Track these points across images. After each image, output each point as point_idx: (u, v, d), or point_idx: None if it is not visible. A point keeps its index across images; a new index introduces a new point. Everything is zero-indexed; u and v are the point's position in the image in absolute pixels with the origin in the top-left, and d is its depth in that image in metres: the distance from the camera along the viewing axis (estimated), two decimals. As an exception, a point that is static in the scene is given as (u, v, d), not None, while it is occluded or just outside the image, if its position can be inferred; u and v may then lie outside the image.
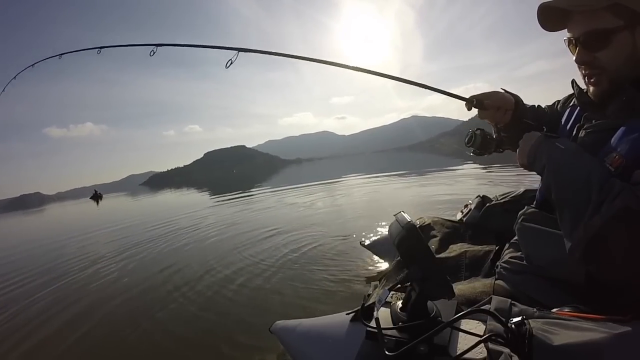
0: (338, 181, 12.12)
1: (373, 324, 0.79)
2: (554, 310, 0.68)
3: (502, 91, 1.04)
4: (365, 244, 2.33)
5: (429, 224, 1.59)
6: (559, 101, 1.05)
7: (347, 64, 1.18)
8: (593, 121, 0.80)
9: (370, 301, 0.95)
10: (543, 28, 0.81)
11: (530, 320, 0.60)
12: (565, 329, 0.57)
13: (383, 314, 0.82)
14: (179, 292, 2.79)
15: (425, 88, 1.15)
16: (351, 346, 0.85)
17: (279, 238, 4.09)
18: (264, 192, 11.31)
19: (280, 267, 3.03)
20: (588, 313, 0.63)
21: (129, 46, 1.63)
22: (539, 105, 1.11)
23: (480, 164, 11.91)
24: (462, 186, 7.30)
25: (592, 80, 0.77)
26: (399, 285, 0.83)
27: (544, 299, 0.80)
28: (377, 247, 2.26)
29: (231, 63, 1.28)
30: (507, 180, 7.09)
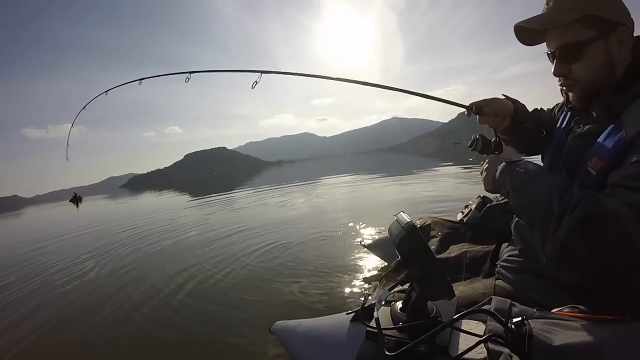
0: (320, 182, 12.29)
1: (373, 324, 0.79)
2: (554, 310, 0.68)
3: (503, 97, 1.07)
4: (366, 244, 2.33)
5: (429, 224, 1.59)
6: (558, 104, 1.06)
7: (352, 78, 1.23)
8: (581, 125, 0.82)
9: (370, 301, 0.95)
10: (523, 44, 0.84)
11: (530, 321, 0.60)
12: (565, 329, 0.57)
13: (383, 314, 0.82)
14: (178, 292, 2.79)
15: (428, 98, 1.19)
16: (351, 346, 0.85)
17: (276, 239, 4.09)
18: (250, 193, 11.42)
19: (279, 267, 3.03)
20: (588, 313, 0.63)
21: (167, 75, 1.83)
22: (541, 109, 1.13)
23: (459, 165, 12.22)
24: (443, 185, 7.50)
25: (566, 89, 0.81)
26: (399, 286, 0.83)
27: (543, 299, 0.80)
28: (377, 247, 2.25)
29: (256, 84, 1.42)
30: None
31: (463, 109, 1.08)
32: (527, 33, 0.81)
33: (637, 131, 0.63)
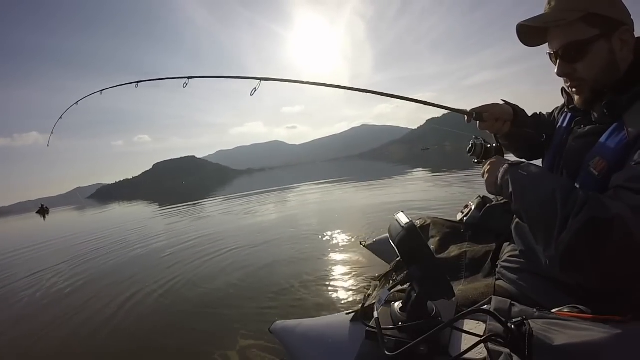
0: (303, 188, 12.37)
1: (373, 324, 0.79)
2: (554, 310, 0.68)
3: (502, 102, 1.07)
4: (365, 244, 2.33)
5: (429, 224, 1.58)
6: (557, 107, 1.07)
7: (357, 86, 1.31)
8: (582, 126, 0.81)
9: (370, 301, 0.95)
10: (524, 44, 0.84)
11: (530, 321, 0.60)
12: (565, 329, 0.57)
13: (383, 314, 0.82)
14: (178, 293, 2.80)
15: (426, 104, 1.20)
16: (351, 346, 0.85)
17: (276, 240, 4.09)
18: (224, 202, 11.56)
19: (279, 267, 3.03)
20: (588, 313, 0.63)
21: (164, 79, 1.81)
22: (540, 113, 1.14)
23: (427, 169, 12.42)
24: (413, 188, 7.75)
25: (574, 90, 0.79)
26: (399, 286, 0.83)
27: (543, 299, 0.80)
28: (377, 247, 2.25)
29: (255, 91, 1.43)
30: (454, 182, 7.61)
31: (437, 115, 1.09)
32: (529, 33, 0.81)
33: (639, 132, 0.63)
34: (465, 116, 1.06)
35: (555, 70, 0.79)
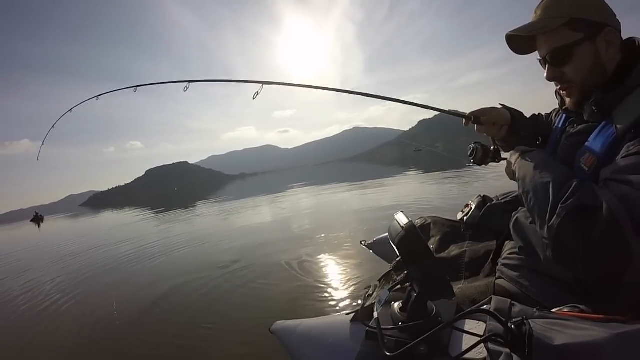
0: (297, 191, 12.62)
1: (373, 324, 0.79)
2: (554, 310, 0.68)
3: (501, 107, 1.10)
4: (366, 243, 2.32)
5: (429, 223, 1.58)
6: (556, 109, 1.08)
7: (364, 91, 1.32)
8: (575, 125, 0.84)
9: (370, 301, 0.95)
10: (516, 53, 0.88)
11: (530, 321, 0.60)
12: (565, 329, 0.57)
13: (383, 314, 0.82)
14: (178, 294, 2.80)
15: (425, 108, 1.24)
16: (351, 346, 0.85)
17: (275, 240, 4.09)
18: (218, 206, 11.70)
19: (279, 268, 3.03)
20: (588, 313, 0.63)
21: (164, 83, 1.80)
22: (539, 114, 1.16)
23: (419, 171, 12.77)
24: (405, 189, 7.96)
25: (565, 93, 0.83)
26: (399, 286, 0.83)
27: (543, 298, 0.80)
28: (377, 247, 2.25)
29: (257, 94, 1.43)
30: (448, 181, 7.74)
31: (429, 116, 1.12)
32: (518, 42, 0.85)
33: (627, 127, 0.65)
34: (464, 119, 1.09)
35: (545, 75, 0.82)
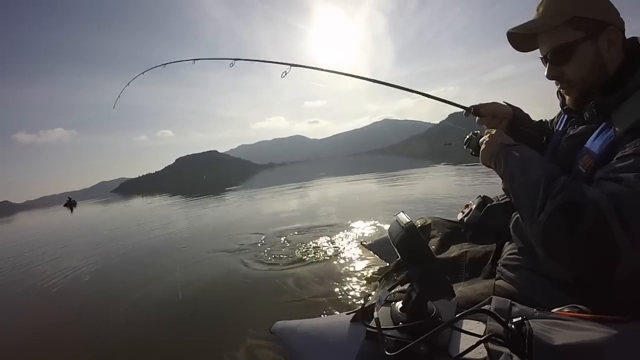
0: (316, 183, 12.50)
1: (373, 324, 0.79)
2: (554, 310, 0.68)
3: (504, 103, 1.11)
4: (366, 244, 2.33)
5: (429, 224, 1.58)
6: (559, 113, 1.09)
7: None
8: (575, 127, 0.84)
9: (371, 301, 0.95)
10: (517, 50, 0.87)
11: (530, 321, 0.60)
12: (565, 329, 0.57)
13: (383, 314, 0.82)
14: (178, 293, 2.80)
15: (433, 99, 1.25)
16: (351, 346, 0.85)
17: (274, 240, 4.09)
18: (245, 194, 11.74)
19: (279, 267, 3.03)
20: (588, 313, 0.63)
21: (218, 59, 2.03)
22: (545, 120, 1.16)
23: (452, 164, 12.69)
24: (436, 184, 7.79)
25: (564, 92, 0.83)
26: (399, 286, 0.83)
27: (543, 298, 0.80)
28: (377, 247, 2.25)
29: (285, 74, 1.60)
30: (477, 176, 7.66)
31: (460, 110, 1.15)
32: (520, 40, 0.84)
33: (625, 129, 0.65)
34: (465, 111, 1.12)
35: (545, 73, 0.82)
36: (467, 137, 1.07)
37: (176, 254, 4.19)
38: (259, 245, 3.94)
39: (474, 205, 1.53)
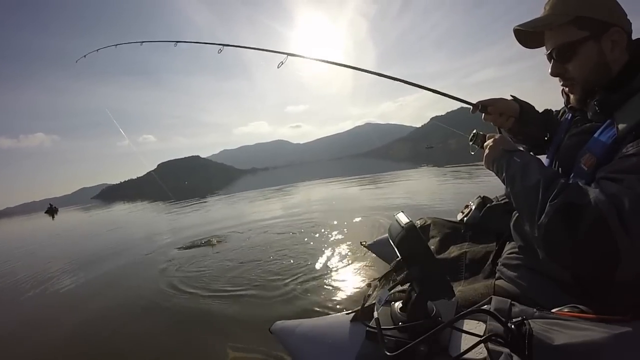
0: (307, 187, 12.47)
1: (373, 324, 0.79)
2: (554, 310, 0.68)
3: (511, 98, 1.11)
4: (366, 244, 2.32)
5: (429, 224, 1.58)
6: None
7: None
8: (578, 125, 0.84)
9: (370, 301, 0.95)
10: (524, 47, 0.89)
11: (530, 321, 0.60)
12: (565, 329, 0.57)
13: (383, 314, 0.82)
14: (178, 293, 2.79)
15: (439, 94, 1.23)
16: (351, 346, 0.85)
17: (274, 240, 4.09)
18: (226, 200, 11.77)
19: (279, 268, 3.03)
20: (588, 313, 0.63)
21: (201, 43, 1.95)
22: (551, 110, 1.16)
23: (435, 166, 12.93)
24: (418, 186, 7.93)
25: (568, 90, 0.84)
26: (399, 286, 0.83)
27: (543, 298, 0.80)
28: (377, 247, 2.25)
29: (282, 64, 1.56)
30: (461, 177, 7.88)
31: (441, 113, 1.13)
32: (526, 37, 0.85)
33: (628, 128, 0.65)
34: (471, 107, 1.10)
35: (549, 71, 0.83)
36: (473, 132, 1.07)
37: (170, 258, 4.18)
38: (256, 246, 3.94)
39: (474, 206, 1.52)
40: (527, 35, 0.85)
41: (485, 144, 0.96)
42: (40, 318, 2.88)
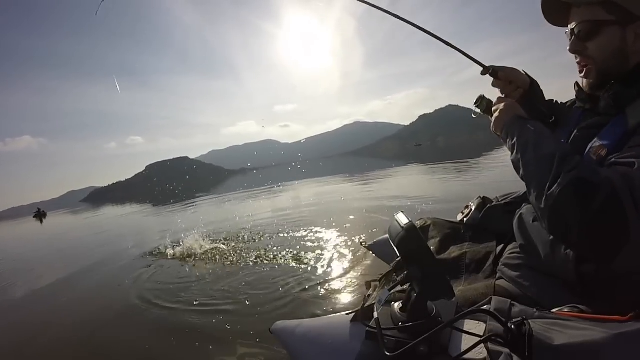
0: (295, 187, 12.44)
1: (373, 324, 0.79)
2: (554, 310, 0.68)
3: (523, 73, 1.09)
4: (366, 244, 2.32)
5: (429, 224, 1.58)
6: (572, 101, 1.08)
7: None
8: (589, 118, 0.84)
9: (370, 302, 0.95)
10: (547, 20, 0.88)
11: (530, 321, 0.60)
12: (565, 329, 0.57)
13: (383, 315, 0.82)
14: (178, 293, 2.79)
15: (448, 45, 1.16)
16: (351, 347, 0.85)
17: (274, 240, 4.09)
18: (217, 201, 11.85)
19: (279, 268, 3.03)
20: (588, 313, 0.63)
21: None
22: (556, 101, 1.16)
23: (422, 163, 13.25)
24: (406, 182, 8.24)
25: (583, 71, 0.83)
26: (399, 286, 0.83)
27: (543, 298, 0.80)
28: (377, 248, 2.25)
29: None
30: (448, 173, 8.09)
31: (429, 111, 1.11)
32: (552, 9, 0.84)
33: (638, 122, 0.66)
34: (482, 69, 1.07)
35: (568, 47, 0.82)
36: (480, 95, 1.05)
37: (169, 259, 4.18)
38: (256, 246, 3.94)
39: (474, 206, 1.52)
40: (553, 8, 0.84)
41: (495, 107, 0.94)
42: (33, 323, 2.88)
